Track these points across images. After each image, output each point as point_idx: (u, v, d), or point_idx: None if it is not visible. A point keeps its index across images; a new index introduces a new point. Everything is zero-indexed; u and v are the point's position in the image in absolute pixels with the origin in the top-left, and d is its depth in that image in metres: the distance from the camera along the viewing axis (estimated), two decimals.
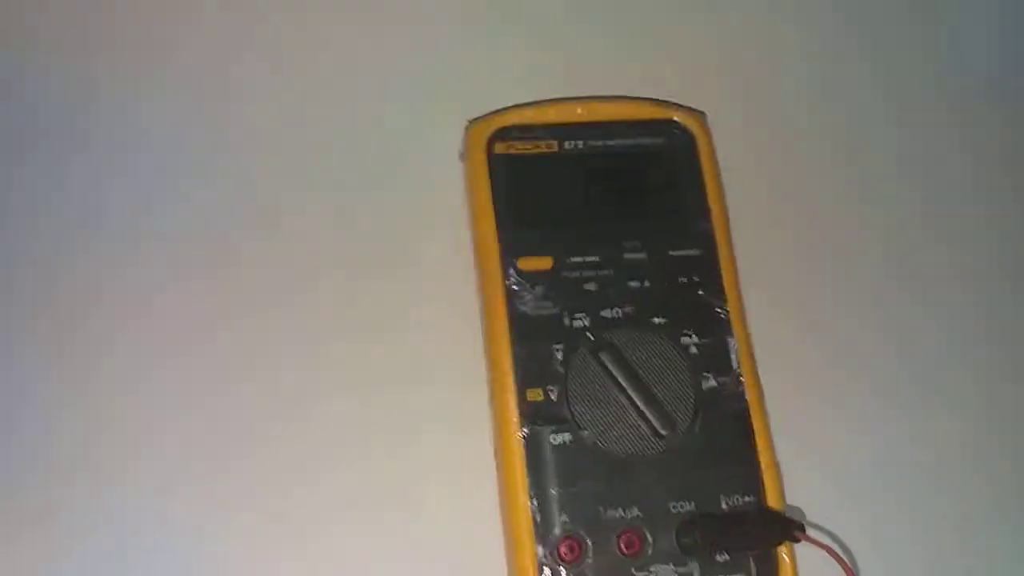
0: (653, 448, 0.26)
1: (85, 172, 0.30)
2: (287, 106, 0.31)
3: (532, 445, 0.26)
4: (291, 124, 0.31)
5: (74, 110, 0.30)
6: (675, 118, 0.30)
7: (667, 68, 0.33)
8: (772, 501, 0.26)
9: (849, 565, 0.25)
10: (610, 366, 0.27)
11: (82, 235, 0.29)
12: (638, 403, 0.26)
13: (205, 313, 0.28)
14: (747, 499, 0.26)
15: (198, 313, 0.28)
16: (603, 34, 0.33)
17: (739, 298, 0.28)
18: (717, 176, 0.30)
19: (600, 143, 0.30)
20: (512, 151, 0.29)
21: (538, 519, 0.25)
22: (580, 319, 0.27)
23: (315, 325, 0.29)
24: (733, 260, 0.29)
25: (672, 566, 0.25)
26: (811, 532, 0.26)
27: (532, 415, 0.26)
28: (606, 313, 0.27)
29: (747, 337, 0.28)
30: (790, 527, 0.25)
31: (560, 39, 0.33)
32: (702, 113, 0.31)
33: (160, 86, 0.31)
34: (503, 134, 0.29)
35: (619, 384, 0.26)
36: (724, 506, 0.26)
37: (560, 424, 0.26)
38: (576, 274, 0.28)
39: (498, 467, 0.26)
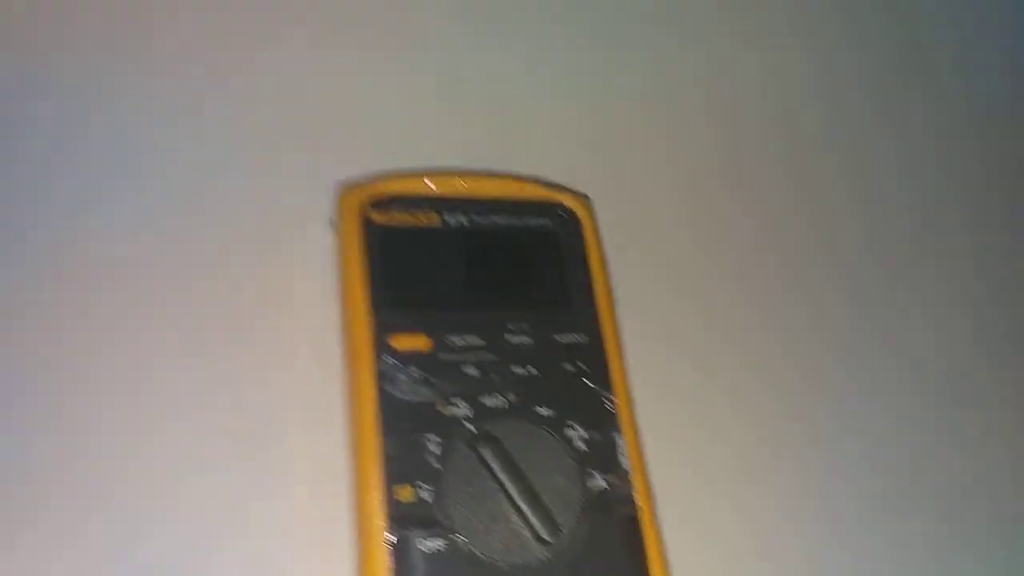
0: (536, 556, 0.23)
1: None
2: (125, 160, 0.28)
3: (400, 553, 0.22)
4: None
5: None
6: (561, 201, 0.29)
7: (551, 148, 0.32)
8: None
9: None
10: (491, 461, 0.24)
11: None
12: (520, 504, 0.23)
13: None
14: None
15: None
16: (489, 107, 0.32)
17: (627, 390, 0.27)
18: (603, 261, 0.29)
19: (484, 220, 0.28)
20: (390, 221, 0.27)
21: None
22: (459, 406, 0.24)
23: (156, 418, 0.24)
24: (620, 348, 0.27)
25: None
26: None
27: (401, 517, 0.22)
28: (487, 400, 0.25)
29: (637, 433, 0.26)
30: None
31: (445, 106, 0.32)
32: (587, 197, 0.30)
33: None
34: (381, 202, 0.27)
35: (500, 482, 0.24)
36: None
37: (432, 528, 0.23)
38: (456, 356, 0.25)
39: None
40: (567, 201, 0.29)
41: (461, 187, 0.28)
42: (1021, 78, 0.40)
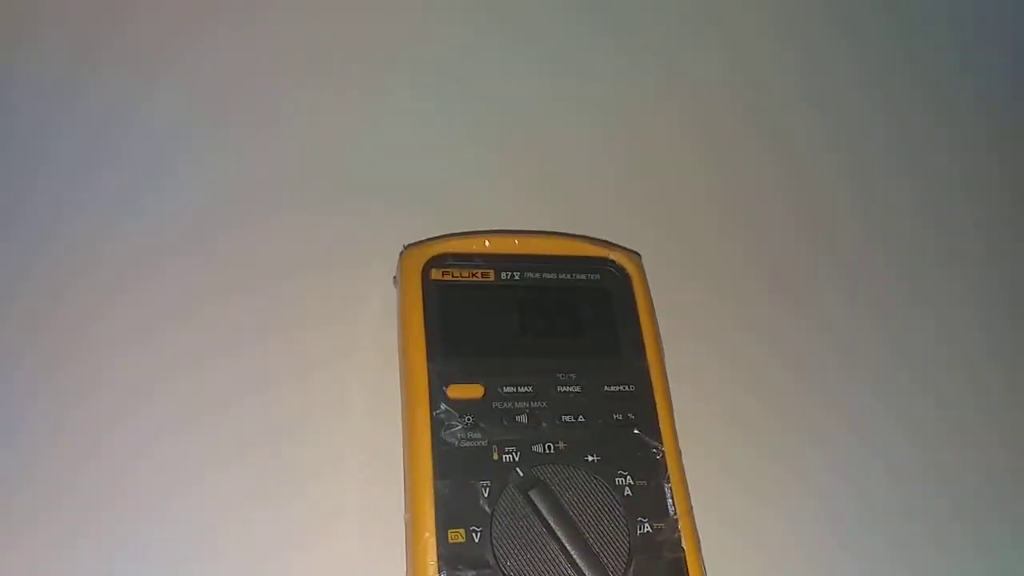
0: None
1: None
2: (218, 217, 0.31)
3: None
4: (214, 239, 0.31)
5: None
6: (611, 257, 0.31)
7: (604, 207, 0.33)
8: None
9: None
10: (540, 506, 0.25)
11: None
12: (568, 548, 0.24)
13: None
14: None
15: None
16: (541, 168, 0.34)
17: (675, 439, 0.27)
18: (652, 315, 0.30)
19: (536, 275, 0.29)
20: (447, 278, 0.29)
21: None
22: (510, 453, 0.26)
23: (215, 456, 0.27)
24: (669, 400, 0.28)
25: None
26: None
27: (452, 558, 0.24)
28: (537, 448, 0.26)
29: (684, 481, 0.27)
30: None
31: (498, 169, 0.34)
32: (637, 254, 0.31)
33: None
34: (439, 261, 0.29)
35: (548, 526, 0.25)
36: None
37: (482, 569, 0.24)
38: (508, 404, 0.26)
39: None
40: (617, 258, 0.31)
41: (515, 246, 0.30)
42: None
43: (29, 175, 0.30)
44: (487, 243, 0.30)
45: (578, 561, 0.24)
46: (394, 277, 0.29)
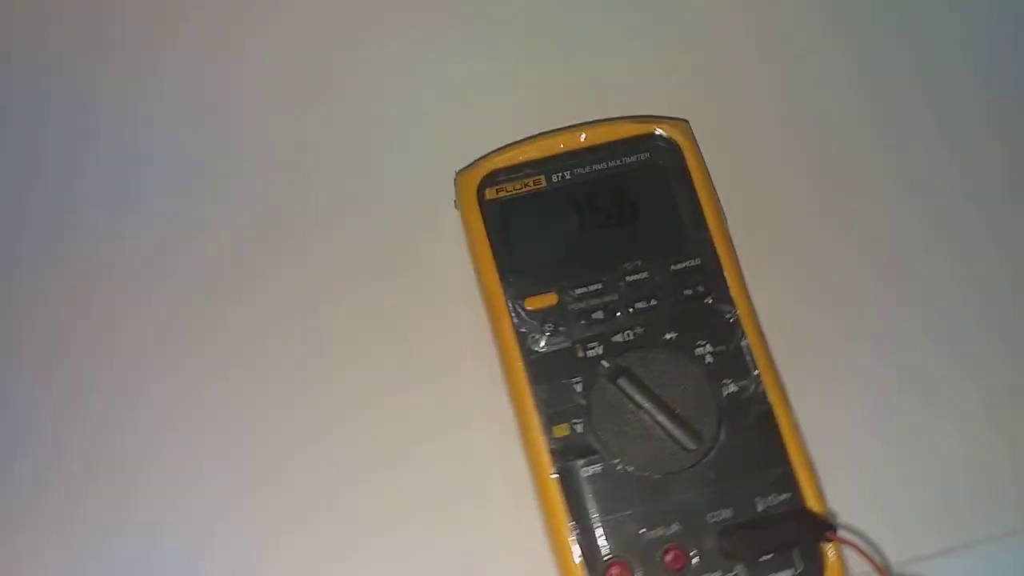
0: (683, 463, 0.27)
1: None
2: (279, 176, 0.33)
3: (567, 480, 0.27)
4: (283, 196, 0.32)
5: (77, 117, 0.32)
6: (657, 131, 0.31)
7: (643, 82, 0.33)
8: (809, 497, 0.27)
9: (880, 562, 0.26)
10: (629, 390, 0.27)
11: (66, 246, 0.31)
12: (662, 422, 0.27)
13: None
14: (783, 498, 0.27)
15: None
16: (573, 62, 0.34)
17: (747, 300, 0.29)
18: (708, 182, 0.30)
19: (586, 169, 0.30)
20: (502, 194, 0.30)
21: (584, 549, 0.26)
22: (593, 348, 0.28)
23: (337, 395, 0.30)
24: (736, 263, 0.29)
25: (720, 573, 0.26)
26: (845, 531, 0.26)
27: (562, 450, 0.27)
28: (617, 338, 0.28)
29: (761, 338, 0.28)
30: (821, 527, 0.26)
31: (533, 72, 0.34)
32: (684, 121, 0.31)
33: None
34: (491, 179, 0.30)
35: (641, 406, 0.27)
36: (761, 508, 0.26)
37: (590, 455, 0.27)
38: (582, 305, 0.28)
39: (539, 503, 0.27)
40: (664, 129, 0.31)
41: (559, 145, 0.30)
42: None
43: (29, 174, 0.32)
44: (532, 150, 0.30)
45: (673, 431, 0.27)
46: (455, 202, 0.31)
